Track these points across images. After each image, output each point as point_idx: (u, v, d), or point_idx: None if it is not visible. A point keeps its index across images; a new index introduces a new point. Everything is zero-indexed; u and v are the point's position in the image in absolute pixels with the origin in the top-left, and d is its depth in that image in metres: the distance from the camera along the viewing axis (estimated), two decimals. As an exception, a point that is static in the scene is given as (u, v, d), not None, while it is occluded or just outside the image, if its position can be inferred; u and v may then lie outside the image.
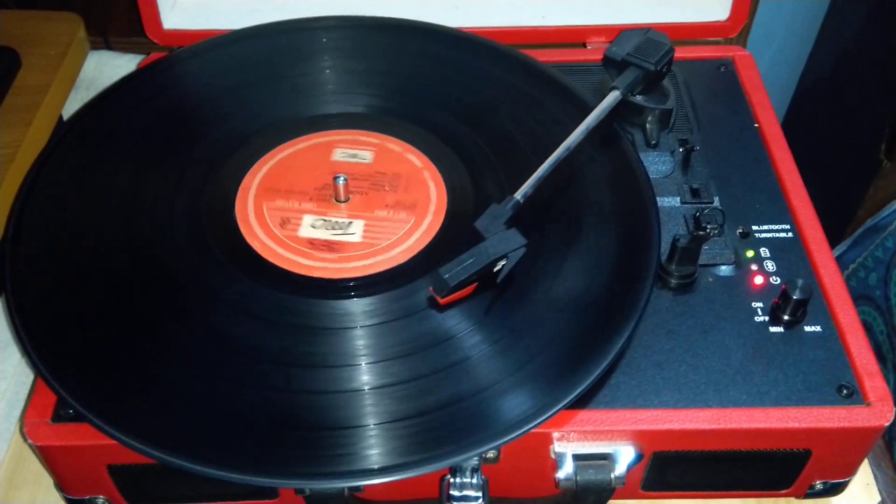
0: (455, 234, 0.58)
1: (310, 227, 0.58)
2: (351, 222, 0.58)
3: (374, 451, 0.47)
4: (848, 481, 0.55)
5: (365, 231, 0.58)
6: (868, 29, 1.09)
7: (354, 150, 0.64)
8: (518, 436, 0.47)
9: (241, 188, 0.61)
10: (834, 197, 1.16)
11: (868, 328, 0.91)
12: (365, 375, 0.50)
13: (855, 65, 1.13)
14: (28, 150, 0.68)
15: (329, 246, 0.57)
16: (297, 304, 0.54)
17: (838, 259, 0.97)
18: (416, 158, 0.63)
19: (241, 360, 0.51)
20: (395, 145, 0.64)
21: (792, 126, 1.32)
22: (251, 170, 0.62)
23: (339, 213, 0.59)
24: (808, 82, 1.27)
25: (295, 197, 0.60)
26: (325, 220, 0.58)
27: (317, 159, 0.63)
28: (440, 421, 0.48)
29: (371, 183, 0.61)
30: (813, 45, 1.23)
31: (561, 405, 0.48)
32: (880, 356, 0.88)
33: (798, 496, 0.56)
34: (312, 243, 0.57)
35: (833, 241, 0.99)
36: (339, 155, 0.63)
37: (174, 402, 0.50)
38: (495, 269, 0.53)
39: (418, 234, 0.58)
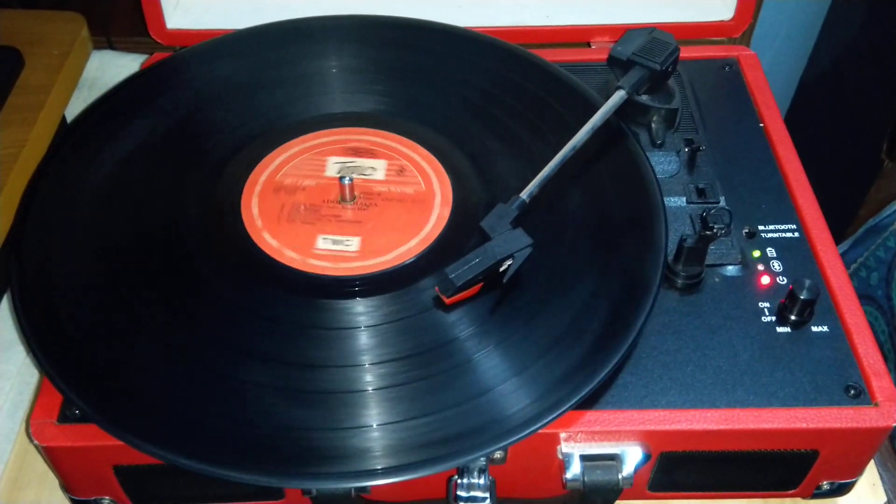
0: (461, 234, 0.58)
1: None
2: (350, 239, 0.57)
3: (380, 451, 0.47)
4: (855, 481, 0.55)
5: (363, 242, 0.58)
6: (869, 28, 1.09)
7: (360, 148, 0.63)
8: (525, 436, 0.47)
9: (245, 187, 0.61)
10: (835, 196, 1.16)
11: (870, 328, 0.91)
12: (370, 375, 0.50)
13: (856, 64, 1.13)
14: (31, 150, 0.68)
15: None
16: (303, 304, 0.54)
17: (840, 259, 0.97)
18: (421, 157, 0.63)
19: (248, 360, 0.51)
20: (400, 144, 0.64)
21: (793, 125, 1.31)
22: (255, 169, 0.62)
23: (344, 219, 0.59)
24: (810, 81, 1.27)
25: (300, 197, 0.60)
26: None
27: (322, 158, 0.63)
28: (447, 421, 0.48)
29: (376, 183, 0.61)
30: (814, 44, 1.23)
31: (568, 405, 0.48)
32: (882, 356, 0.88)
33: (805, 496, 0.56)
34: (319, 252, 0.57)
35: (835, 241, 0.99)
36: (343, 155, 0.63)
37: (180, 403, 0.49)
38: (501, 269, 0.53)
39: (424, 234, 0.58)
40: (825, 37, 1.21)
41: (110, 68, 0.84)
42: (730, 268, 0.58)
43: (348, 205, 0.60)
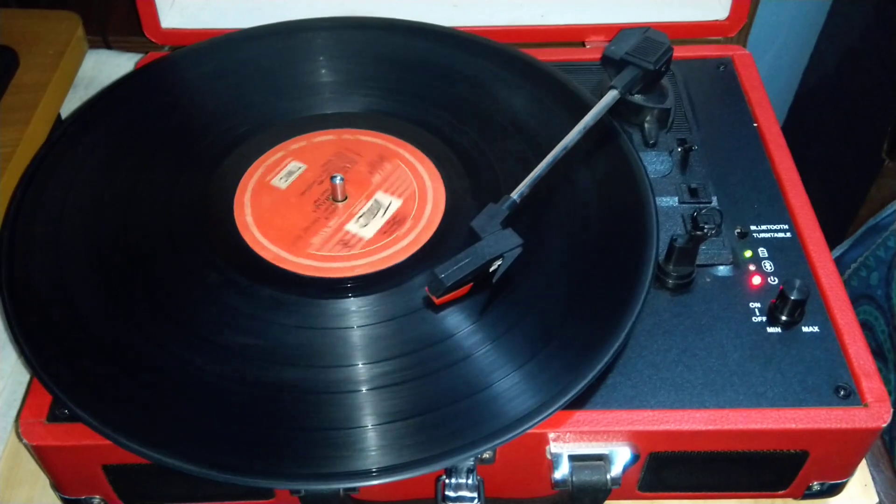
0: (451, 234, 0.58)
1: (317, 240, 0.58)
2: (345, 238, 0.57)
3: (369, 452, 0.47)
4: (846, 482, 0.55)
5: (358, 241, 0.58)
6: (870, 28, 1.09)
7: (351, 149, 0.64)
8: (514, 436, 0.47)
9: (238, 188, 0.61)
10: (836, 196, 1.16)
11: (869, 328, 0.90)
12: (360, 376, 0.50)
13: (857, 64, 1.13)
14: (26, 149, 0.68)
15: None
16: (293, 304, 0.54)
17: (840, 258, 0.97)
18: (413, 157, 0.63)
19: (237, 360, 0.51)
20: (392, 144, 0.64)
21: (794, 125, 1.32)
22: (249, 169, 0.62)
23: (337, 218, 0.59)
24: (811, 82, 1.27)
25: (292, 197, 0.60)
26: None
27: (314, 158, 0.63)
28: (435, 421, 0.48)
29: (368, 182, 0.61)
30: (815, 44, 1.23)
31: (557, 406, 0.48)
32: (881, 356, 0.88)
33: (796, 497, 0.56)
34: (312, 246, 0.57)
35: (835, 241, 0.99)
36: (335, 154, 0.63)
37: (169, 403, 0.49)
38: (491, 269, 0.53)
39: (415, 234, 0.58)
40: (826, 37, 1.21)
41: (106, 67, 0.85)
42: (721, 268, 0.58)
43: (340, 204, 0.60)
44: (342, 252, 0.57)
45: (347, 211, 0.59)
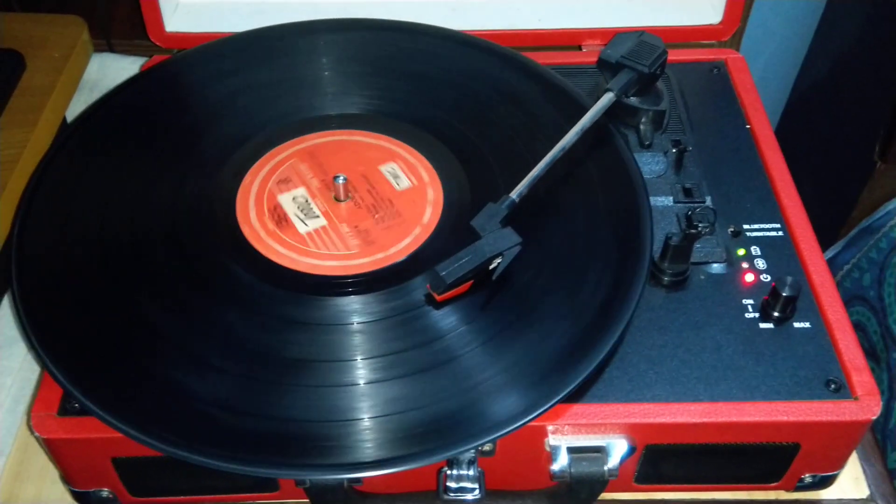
0: (452, 232, 0.59)
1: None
2: (348, 237, 0.59)
3: (372, 443, 0.48)
4: (837, 475, 0.57)
5: (361, 240, 0.59)
6: (862, 32, 1.10)
7: (353, 150, 0.65)
8: (513, 429, 0.48)
9: (241, 187, 0.62)
10: (828, 198, 1.17)
11: (862, 329, 0.91)
12: (363, 369, 0.51)
13: (850, 68, 1.14)
14: (32, 151, 0.69)
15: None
16: (297, 301, 0.55)
17: (833, 260, 0.98)
18: (413, 158, 0.64)
19: (243, 355, 0.52)
20: (393, 145, 0.65)
21: (787, 128, 1.32)
22: (251, 169, 0.63)
23: (339, 218, 0.60)
24: (804, 85, 1.28)
25: (295, 196, 0.61)
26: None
27: (314, 159, 0.64)
28: (437, 414, 0.49)
29: (369, 182, 0.62)
30: (808, 48, 1.24)
31: (555, 399, 0.49)
32: (874, 356, 0.89)
33: (788, 489, 0.57)
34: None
35: (828, 243, 1.00)
36: (336, 155, 0.64)
37: (176, 396, 0.51)
38: (491, 267, 0.54)
39: (416, 233, 0.59)
40: (819, 41, 1.22)
41: (110, 71, 0.86)
42: (715, 266, 0.59)
43: (343, 204, 0.61)
44: (344, 251, 0.58)
45: (349, 211, 0.61)
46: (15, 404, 0.63)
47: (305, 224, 0.60)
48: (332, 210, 0.61)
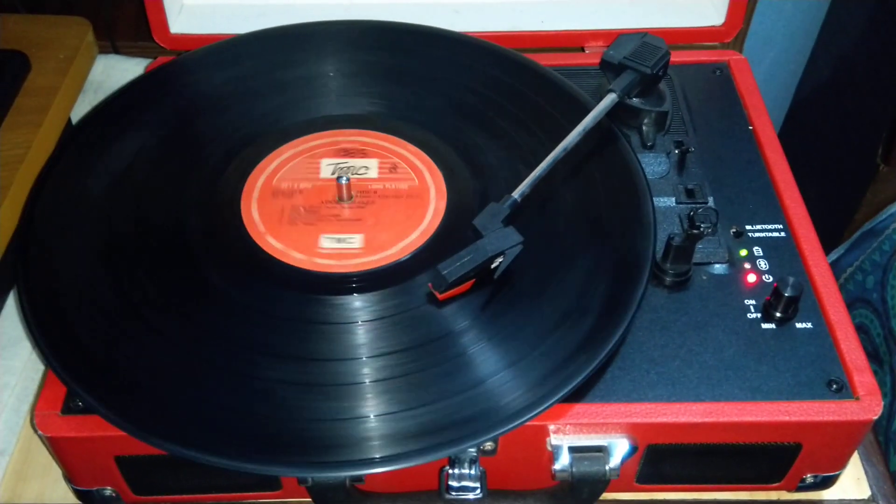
0: (454, 232, 0.59)
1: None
2: (353, 237, 0.59)
3: (374, 441, 0.48)
4: (838, 475, 0.57)
5: (366, 239, 0.59)
6: (866, 34, 1.10)
7: (351, 149, 0.65)
8: (514, 427, 0.48)
9: (245, 187, 0.62)
10: (832, 201, 1.17)
11: (865, 331, 0.91)
12: (365, 368, 0.52)
13: (853, 70, 1.14)
14: (38, 151, 0.69)
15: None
16: (300, 300, 0.55)
17: (836, 262, 0.98)
18: (416, 158, 0.64)
19: (246, 353, 0.52)
20: (396, 145, 0.65)
21: (791, 130, 1.33)
22: (256, 169, 0.63)
23: (344, 217, 0.61)
24: (807, 87, 1.28)
25: (298, 199, 0.62)
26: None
27: (315, 160, 0.64)
28: (439, 412, 0.49)
29: (371, 182, 0.63)
30: (811, 50, 1.24)
31: (557, 398, 0.49)
32: (877, 358, 0.89)
33: (790, 489, 0.57)
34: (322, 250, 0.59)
35: (831, 245, 1.00)
36: (336, 156, 0.65)
37: (180, 395, 0.51)
38: (492, 266, 0.54)
39: (423, 227, 0.59)
40: (822, 43, 1.22)
41: (115, 72, 0.86)
42: (717, 266, 0.59)
43: (346, 204, 0.61)
44: (348, 250, 0.58)
45: (352, 210, 0.61)
46: (19, 404, 0.63)
47: (308, 223, 0.60)
48: (338, 210, 0.61)
